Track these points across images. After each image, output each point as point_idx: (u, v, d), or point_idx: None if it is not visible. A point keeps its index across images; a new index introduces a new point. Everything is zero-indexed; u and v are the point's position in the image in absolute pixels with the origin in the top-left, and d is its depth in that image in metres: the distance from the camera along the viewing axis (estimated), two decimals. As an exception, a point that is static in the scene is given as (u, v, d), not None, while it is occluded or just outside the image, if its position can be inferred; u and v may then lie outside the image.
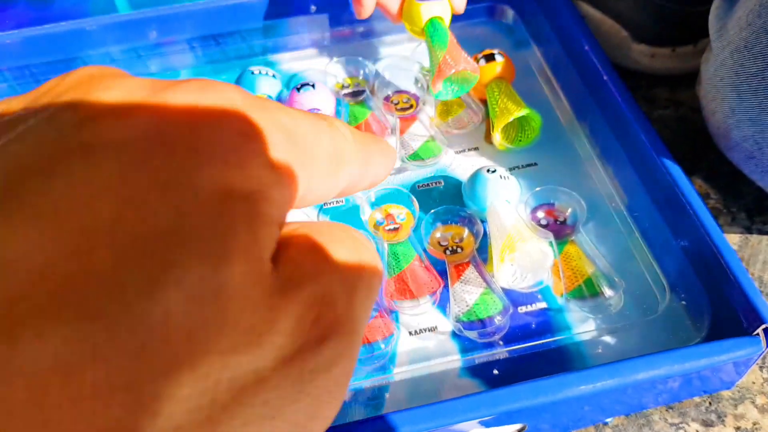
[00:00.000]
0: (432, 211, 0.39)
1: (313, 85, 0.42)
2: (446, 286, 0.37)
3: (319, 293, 0.12)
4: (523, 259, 0.36)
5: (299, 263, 0.13)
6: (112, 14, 0.46)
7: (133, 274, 0.10)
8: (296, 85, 0.43)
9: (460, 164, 0.42)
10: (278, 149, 0.13)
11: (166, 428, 0.10)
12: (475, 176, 0.39)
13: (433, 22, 0.42)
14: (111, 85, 0.13)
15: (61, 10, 0.46)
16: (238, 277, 0.11)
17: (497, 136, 0.42)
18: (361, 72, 0.47)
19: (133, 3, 0.46)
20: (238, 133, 0.12)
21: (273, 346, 0.11)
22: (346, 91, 0.46)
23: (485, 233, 0.38)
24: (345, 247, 0.14)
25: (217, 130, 0.12)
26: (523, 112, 0.40)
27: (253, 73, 0.44)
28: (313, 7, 0.49)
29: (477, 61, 0.44)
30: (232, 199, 0.11)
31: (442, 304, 0.36)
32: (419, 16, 0.42)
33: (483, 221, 0.39)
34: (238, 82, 0.44)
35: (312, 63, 0.49)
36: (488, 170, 0.38)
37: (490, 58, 0.44)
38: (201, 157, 0.12)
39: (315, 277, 0.13)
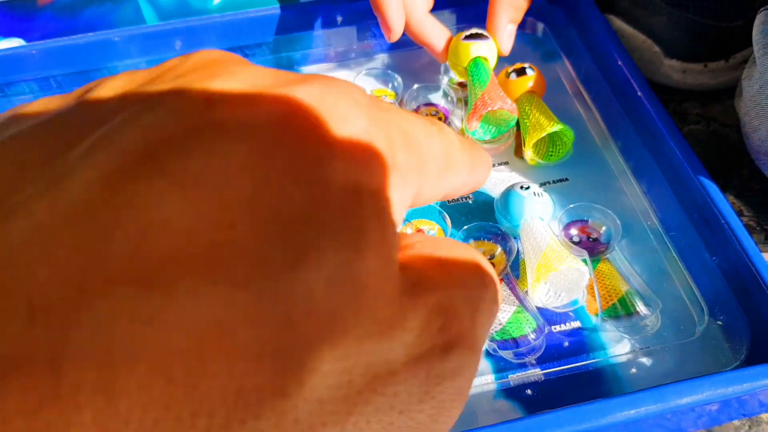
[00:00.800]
0: (464, 227, 0.38)
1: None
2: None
3: (445, 304, 0.13)
4: (559, 278, 0.35)
5: (424, 272, 0.13)
6: (140, 26, 0.45)
7: (274, 251, 0.10)
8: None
9: (490, 179, 0.42)
10: (398, 152, 0.13)
11: (310, 399, 0.10)
12: (508, 193, 0.38)
13: (476, 61, 0.41)
14: (236, 70, 0.13)
15: (88, 21, 0.46)
16: (372, 269, 0.11)
17: (528, 152, 0.41)
18: (390, 84, 0.46)
19: (160, 14, 0.46)
20: (363, 132, 0.12)
21: (403, 341, 0.12)
22: (373, 103, 0.46)
23: (517, 250, 0.38)
24: (470, 269, 0.14)
25: (345, 126, 0.12)
26: (556, 127, 0.40)
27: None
28: (339, 18, 0.49)
29: (508, 75, 0.43)
30: (361, 194, 0.12)
31: (475, 323, 0.36)
32: (465, 54, 0.42)
33: (515, 238, 0.38)
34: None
35: (339, 75, 0.48)
36: (522, 187, 0.38)
37: (521, 72, 0.43)
38: (331, 149, 0.12)
39: (441, 288, 0.13)
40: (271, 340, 0.10)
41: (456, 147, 0.15)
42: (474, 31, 0.42)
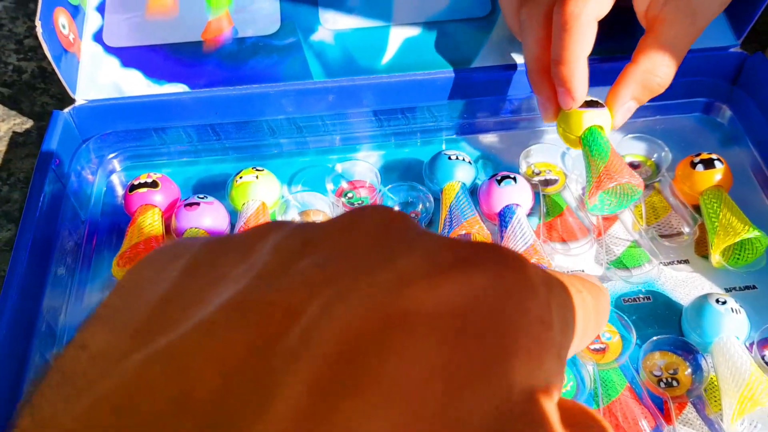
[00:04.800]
0: (654, 338, 0.35)
1: (514, 179, 0.40)
2: (658, 425, 0.33)
3: None
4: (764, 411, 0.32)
5: None
6: (305, 80, 0.44)
7: None
8: (495, 175, 0.40)
9: (669, 279, 0.39)
10: (560, 333, 0.13)
11: None
12: (701, 306, 0.35)
13: (592, 131, 0.38)
14: (413, 240, 0.13)
15: (253, 71, 0.45)
16: None
17: (716, 257, 0.38)
18: (559, 162, 0.44)
19: (327, 70, 0.45)
20: (538, 320, 0.12)
21: None
22: (537, 178, 0.43)
23: (699, 368, 0.35)
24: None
25: (521, 315, 0.12)
26: (753, 233, 0.36)
27: (449, 158, 0.41)
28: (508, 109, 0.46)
29: (693, 165, 0.40)
30: (536, 400, 0.11)
31: (658, 447, 0.33)
32: (578, 122, 0.38)
33: (703, 354, 0.35)
34: (432, 163, 0.42)
35: (500, 146, 0.46)
36: (717, 300, 0.35)
37: (708, 163, 0.40)
38: (510, 348, 0.11)
39: None
40: None
41: (591, 314, 0.15)
42: (588, 98, 0.38)
